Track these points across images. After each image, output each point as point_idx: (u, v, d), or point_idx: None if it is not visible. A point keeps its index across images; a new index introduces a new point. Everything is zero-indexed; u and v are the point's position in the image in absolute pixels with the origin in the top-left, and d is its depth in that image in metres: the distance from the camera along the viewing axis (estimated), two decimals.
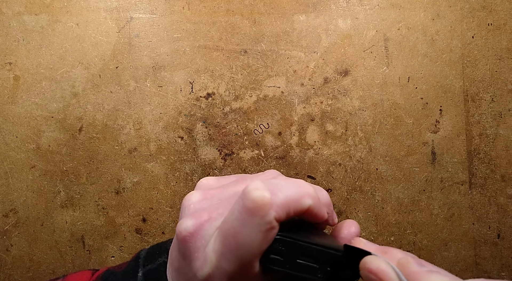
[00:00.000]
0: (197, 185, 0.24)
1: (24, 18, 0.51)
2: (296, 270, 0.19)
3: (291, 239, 0.19)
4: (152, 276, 0.23)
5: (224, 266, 0.19)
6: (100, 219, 0.51)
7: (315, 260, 0.20)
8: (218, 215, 0.20)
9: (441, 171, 0.51)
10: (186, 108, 0.51)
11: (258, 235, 0.18)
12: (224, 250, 0.18)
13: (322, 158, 0.52)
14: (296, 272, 0.19)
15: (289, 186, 0.19)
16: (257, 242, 0.18)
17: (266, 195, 0.18)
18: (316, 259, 0.20)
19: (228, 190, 0.22)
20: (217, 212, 0.20)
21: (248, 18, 0.52)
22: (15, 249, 0.51)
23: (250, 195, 0.18)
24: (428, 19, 0.51)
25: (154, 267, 0.24)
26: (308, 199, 0.19)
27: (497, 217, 0.51)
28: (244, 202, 0.18)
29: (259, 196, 0.18)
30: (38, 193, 0.51)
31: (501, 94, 0.51)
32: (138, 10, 0.51)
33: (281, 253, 0.19)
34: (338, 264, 0.20)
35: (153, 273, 0.23)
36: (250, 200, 0.18)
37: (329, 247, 0.20)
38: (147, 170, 0.51)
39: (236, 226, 0.18)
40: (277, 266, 0.19)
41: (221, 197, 0.22)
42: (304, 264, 0.20)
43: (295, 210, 0.19)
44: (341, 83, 0.52)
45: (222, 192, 0.22)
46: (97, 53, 0.51)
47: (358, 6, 0.51)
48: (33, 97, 0.51)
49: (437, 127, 0.51)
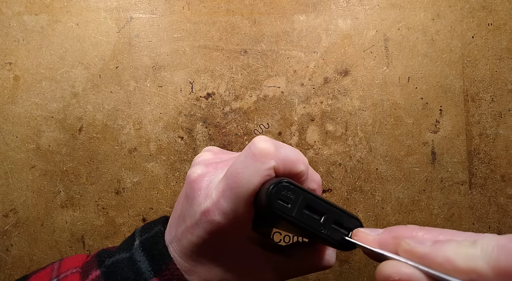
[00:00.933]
0: (205, 149, 0.27)
1: (24, 18, 0.51)
2: (301, 220, 0.19)
3: (300, 188, 0.20)
4: (149, 242, 0.24)
5: (222, 203, 0.21)
6: (100, 219, 0.51)
7: (320, 215, 0.20)
8: (224, 166, 0.23)
9: (441, 171, 0.51)
10: (186, 108, 0.51)
11: (256, 178, 0.20)
12: (225, 188, 0.21)
13: (322, 158, 0.52)
14: (301, 222, 0.19)
15: (291, 149, 0.22)
16: (254, 184, 0.20)
17: (271, 146, 0.21)
18: (322, 214, 0.20)
19: (234, 154, 0.26)
20: (224, 163, 0.23)
21: (248, 18, 0.52)
22: (15, 249, 0.51)
23: (257, 144, 0.21)
24: (428, 19, 0.51)
25: (151, 235, 0.25)
26: (303, 165, 0.21)
27: (497, 217, 0.51)
28: (251, 149, 0.21)
29: (265, 146, 0.20)
30: (38, 193, 0.51)
31: (501, 94, 0.51)
32: (138, 10, 0.51)
33: (289, 201, 0.19)
34: (341, 224, 0.20)
35: (149, 240, 0.25)
36: (256, 147, 0.20)
37: (335, 205, 0.20)
38: (147, 170, 0.51)
39: (239, 168, 0.20)
40: (283, 213, 0.19)
41: (228, 157, 0.25)
42: (310, 216, 0.20)
43: (290, 170, 0.21)
44: (341, 83, 0.52)
45: (228, 154, 0.26)
46: (97, 53, 0.51)
47: (358, 6, 0.51)
48: (33, 97, 0.51)
49: (437, 127, 0.51)
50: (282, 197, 0.19)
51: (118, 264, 0.24)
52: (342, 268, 0.51)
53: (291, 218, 0.19)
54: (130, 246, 0.26)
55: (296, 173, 0.21)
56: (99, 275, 0.24)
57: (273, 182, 0.19)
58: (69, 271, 0.26)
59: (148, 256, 0.24)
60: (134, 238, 0.26)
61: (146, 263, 0.24)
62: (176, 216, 0.24)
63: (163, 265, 0.23)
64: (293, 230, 0.22)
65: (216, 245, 0.22)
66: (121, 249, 0.26)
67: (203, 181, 0.22)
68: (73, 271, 0.26)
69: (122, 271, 0.24)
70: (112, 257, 0.25)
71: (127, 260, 0.24)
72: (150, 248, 0.24)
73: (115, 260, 0.25)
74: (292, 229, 0.21)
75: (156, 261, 0.24)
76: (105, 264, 0.25)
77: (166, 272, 0.23)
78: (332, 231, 0.20)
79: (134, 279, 0.23)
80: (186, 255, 0.23)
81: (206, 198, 0.22)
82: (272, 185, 0.19)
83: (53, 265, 0.27)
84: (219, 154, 0.26)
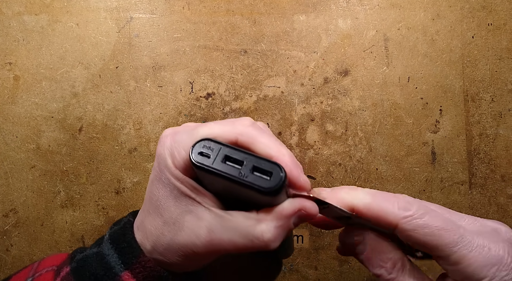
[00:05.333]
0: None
1: (24, 18, 0.51)
2: (220, 169, 0.21)
3: (219, 143, 0.22)
4: (117, 234, 0.25)
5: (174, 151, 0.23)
6: (100, 219, 0.51)
7: (240, 164, 0.21)
8: (191, 130, 0.25)
9: (441, 171, 0.51)
10: (186, 108, 0.52)
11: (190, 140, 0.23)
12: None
13: (322, 158, 0.52)
14: (219, 171, 0.21)
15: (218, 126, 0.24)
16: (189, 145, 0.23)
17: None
18: (241, 163, 0.21)
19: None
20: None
21: (248, 18, 0.52)
22: (15, 249, 0.51)
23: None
24: (428, 19, 0.51)
25: (119, 227, 0.25)
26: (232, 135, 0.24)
27: (497, 217, 0.51)
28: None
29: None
30: (38, 193, 0.51)
31: (501, 94, 0.51)
32: (138, 10, 0.51)
33: (209, 154, 0.22)
34: (261, 170, 0.21)
35: (117, 231, 0.25)
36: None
37: (253, 154, 0.22)
38: (147, 170, 0.51)
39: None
40: (202, 164, 0.21)
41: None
42: (229, 165, 0.21)
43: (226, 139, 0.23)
44: (341, 83, 0.52)
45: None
46: (97, 53, 0.51)
47: (358, 6, 0.51)
48: (33, 97, 0.51)
49: (437, 127, 0.51)
50: (203, 151, 0.22)
51: (87, 259, 0.24)
52: (342, 268, 0.51)
53: (210, 168, 0.21)
54: (101, 240, 0.25)
55: (234, 141, 0.23)
56: (69, 272, 0.24)
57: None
58: (44, 270, 0.26)
59: (116, 249, 0.24)
60: (105, 233, 0.26)
61: (115, 257, 0.23)
62: (151, 177, 0.25)
63: (133, 258, 0.23)
64: (221, 185, 0.23)
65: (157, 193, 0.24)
66: (93, 244, 0.26)
67: (171, 137, 0.24)
68: (48, 270, 0.25)
69: (91, 267, 0.23)
70: (83, 252, 0.25)
71: (96, 255, 0.24)
72: (118, 240, 0.24)
73: (84, 255, 0.24)
74: (220, 185, 0.23)
75: (125, 254, 0.23)
76: (75, 259, 0.25)
77: (137, 265, 0.23)
78: (252, 176, 0.21)
79: (103, 274, 0.23)
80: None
81: (171, 151, 0.24)
82: (194, 142, 0.22)
83: (34, 264, 0.27)
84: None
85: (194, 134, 0.23)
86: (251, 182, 0.21)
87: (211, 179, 0.22)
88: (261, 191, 0.21)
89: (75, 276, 0.23)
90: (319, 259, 0.51)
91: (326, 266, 0.51)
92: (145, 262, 0.23)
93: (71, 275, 0.24)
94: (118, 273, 0.23)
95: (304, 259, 0.51)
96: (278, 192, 0.21)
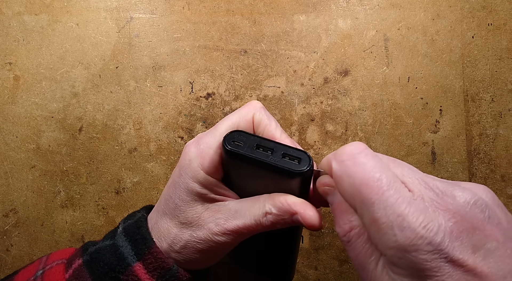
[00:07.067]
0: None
1: (24, 18, 0.51)
2: (252, 153, 0.23)
3: (250, 134, 0.24)
4: (132, 227, 0.25)
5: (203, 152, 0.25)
6: (100, 219, 0.51)
7: (270, 151, 0.24)
8: (210, 131, 0.27)
9: (441, 171, 0.51)
10: (186, 108, 0.52)
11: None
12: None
13: (322, 158, 0.52)
14: (251, 154, 0.23)
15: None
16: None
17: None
18: (271, 150, 0.24)
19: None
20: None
21: (248, 18, 0.52)
22: (15, 249, 0.51)
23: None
24: (428, 19, 0.51)
25: (134, 221, 0.26)
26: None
27: None
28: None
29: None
30: (38, 193, 0.51)
31: (501, 94, 0.51)
32: (138, 10, 0.51)
33: (241, 142, 0.24)
34: (289, 155, 0.23)
35: (132, 225, 0.26)
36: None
37: (282, 143, 0.24)
38: (147, 170, 0.51)
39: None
40: (236, 149, 0.23)
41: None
42: (260, 152, 0.23)
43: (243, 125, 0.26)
44: (341, 83, 0.52)
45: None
46: (97, 53, 0.51)
47: (358, 6, 0.51)
48: (33, 97, 0.51)
49: (437, 127, 0.51)
50: (236, 140, 0.24)
51: (101, 251, 0.25)
52: (342, 268, 0.51)
53: (244, 153, 0.23)
54: (113, 233, 0.26)
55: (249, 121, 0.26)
56: (81, 264, 0.24)
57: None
58: (54, 263, 0.26)
59: (130, 241, 0.24)
60: (118, 226, 0.27)
61: (129, 248, 0.24)
62: (169, 183, 0.26)
63: (145, 249, 0.24)
64: (248, 174, 0.24)
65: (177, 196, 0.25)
66: (105, 237, 0.26)
67: (195, 143, 0.26)
68: (58, 263, 0.26)
69: (105, 257, 0.24)
70: (96, 245, 0.26)
71: (110, 247, 0.25)
72: (132, 233, 0.25)
73: (98, 247, 0.25)
74: (247, 174, 0.24)
75: (139, 246, 0.24)
76: (88, 252, 0.25)
77: (149, 255, 0.23)
78: (283, 161, 0.23)
79: (116, 264, 0.23)
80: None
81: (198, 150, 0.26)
82: (227, 133, 0.24)
83: (42, 259, 0.28)
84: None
85: (216, 132, 0.25)
86: (283, 165, 0.23)
87: (239, 168, 0.24)
88: (292, 172, 0.22)
89: (88, 267, 0.24)
90: (319, 259, 0.51)
91: (326, 266, 0.51)
92: (157, 253, 0.24)
93: (84, 266, 0.24)
94: (131, 264, 0.23)
95: (304, 259, 0.51)
96: (307, 175, 0.23)
